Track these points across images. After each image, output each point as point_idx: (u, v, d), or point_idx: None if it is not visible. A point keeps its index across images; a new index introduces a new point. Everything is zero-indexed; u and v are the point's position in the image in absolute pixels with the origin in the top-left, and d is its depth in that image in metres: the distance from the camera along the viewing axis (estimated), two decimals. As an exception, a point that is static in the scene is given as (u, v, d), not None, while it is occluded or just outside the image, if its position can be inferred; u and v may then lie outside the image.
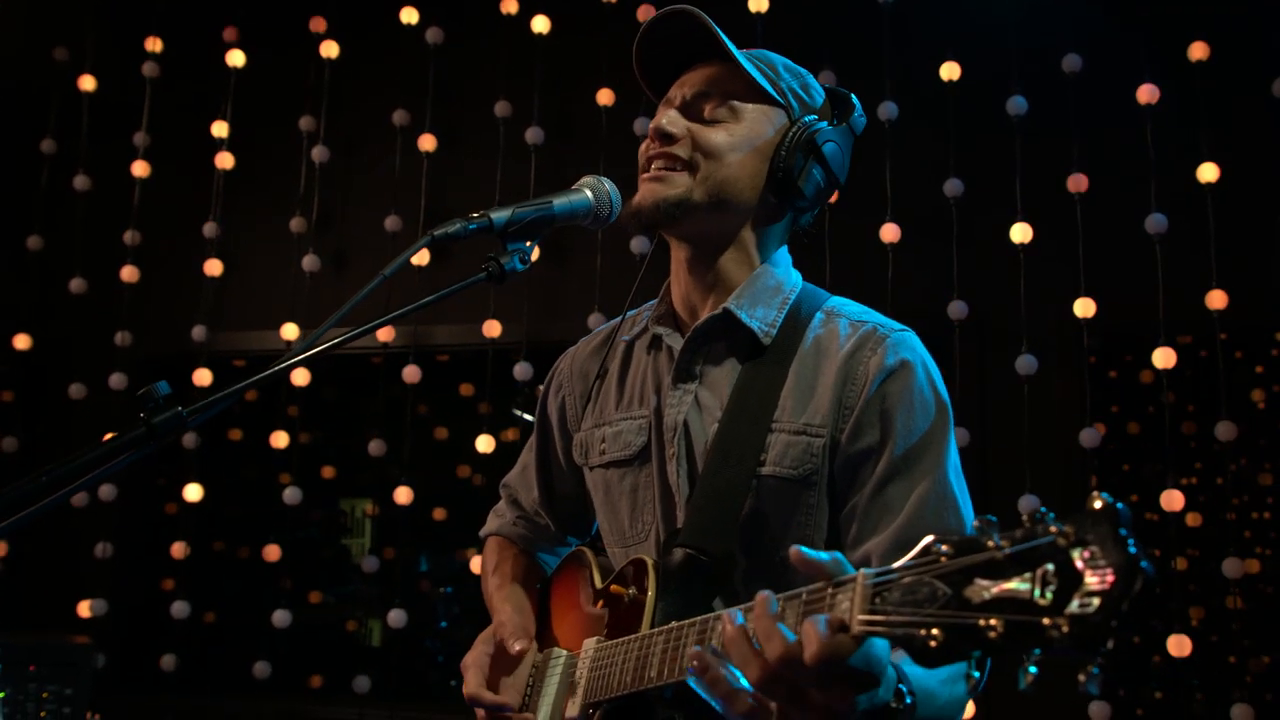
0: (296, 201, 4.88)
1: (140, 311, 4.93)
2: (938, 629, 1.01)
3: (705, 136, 1.72)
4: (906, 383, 1.66)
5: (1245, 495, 4.89)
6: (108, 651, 4.63)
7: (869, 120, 4.35)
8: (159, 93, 5.04)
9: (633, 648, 1.59)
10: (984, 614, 0.98)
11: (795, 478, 1.64)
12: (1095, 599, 0.92)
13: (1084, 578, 0.93)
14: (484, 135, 4.74)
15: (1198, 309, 4.01)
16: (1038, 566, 0.96)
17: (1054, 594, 0.94)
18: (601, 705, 1.63)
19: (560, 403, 2.03)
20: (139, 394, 1.27)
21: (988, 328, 4.23)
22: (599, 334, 2.05)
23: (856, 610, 1.11)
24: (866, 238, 4.23)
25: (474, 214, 1.58)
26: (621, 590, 1.72)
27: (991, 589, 0.99)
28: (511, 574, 2.05)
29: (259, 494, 5.42)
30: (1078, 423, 4.06)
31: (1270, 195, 4.04)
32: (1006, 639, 0.96)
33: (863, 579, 1.13)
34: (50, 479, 1.21)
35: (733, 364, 1.76)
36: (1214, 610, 4.83)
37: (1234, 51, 4.16)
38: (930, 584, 1.04)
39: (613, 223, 1.76)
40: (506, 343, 4.60)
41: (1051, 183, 4.17)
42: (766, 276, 1.79)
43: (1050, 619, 0.94)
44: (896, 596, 1.07)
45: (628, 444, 1.83)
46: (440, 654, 5.91)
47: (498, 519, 2.18)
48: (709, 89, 1.74)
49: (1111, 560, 0.92)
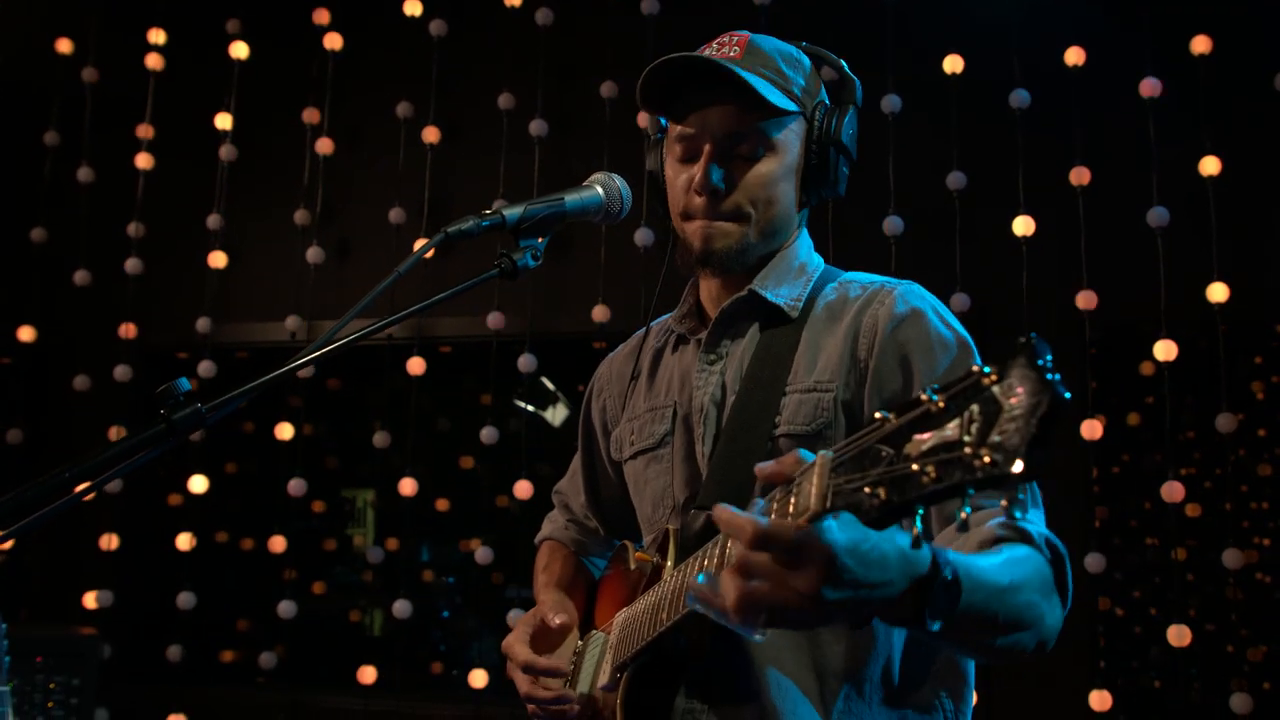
0: (300, 194, 4.89)
1: (144, 303, 4.94)
2: (881, 487, 1.03)
3: (753, 184, 1.75)
4: (920, 327, 1.68)
5: (1244, 486, 4.91)
6: (114, 642, 4.65)
7: (871, 112, 4.36)
8: (162, 85, 5.05)
9: (649, 601, 1.63)
10: (919, 461, 1.00)
11: (808, 433, 1.66)
12: (1011, 424, 0.94)
13: (1003, 408, 0.95)
14: (487, 127, 4.75)
15: (1199, 302, 4.03)
16: (964, 409, 0.98)
17: (977, 430, 0.96)
18: (628, 666, 1.67)
19: (602, 406, 2.08)
20: (159, 391, 1.29)
21: (990, 320, 4.25)
22: (633, 339, 2.10)
23: (815, 490, 1.13)
24: (869, 231, 4.25)
25: (487, 210, 1.60)
26: (645, 558, 1.76)
27: (928, 440, 1.00)
28: (560, 571, 2.11)
29: (262, 485, 5.44)
30: (1078, 415, 4.07)
31: (1271, 188, 4.06)
32: (938, 480, 0.98)
33: (821, 459, 1.14)
34: (73, 476, 1.23)
35: (754, 337, 1.80)
36: (1212, 600, 4.87)
37: (1236, 45, 4.17)
38: (876, 448, 1.06)
39: (623, 219, 1.79)
40: (510, 335, 4.62)
41: (1054, 176, 4.19)
42: (790, 258, 1.83)
43: (972, 450, 0.95)
44: (849, 467, 1.09)
45: (651, 433, 1.88)
46: (442, 643, 5.94)
47: (550, 524, 2.24)
48: (738, 128, 1.74)
49: (1027, 389, 0.94)
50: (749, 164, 1.75)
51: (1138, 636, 5.04)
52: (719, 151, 1.74)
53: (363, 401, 5.79)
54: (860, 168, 1.91)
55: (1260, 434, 4.98)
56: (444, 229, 1.55)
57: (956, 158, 4.26)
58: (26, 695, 3.91)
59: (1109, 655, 4.86)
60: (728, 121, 1.74)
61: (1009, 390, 0.96)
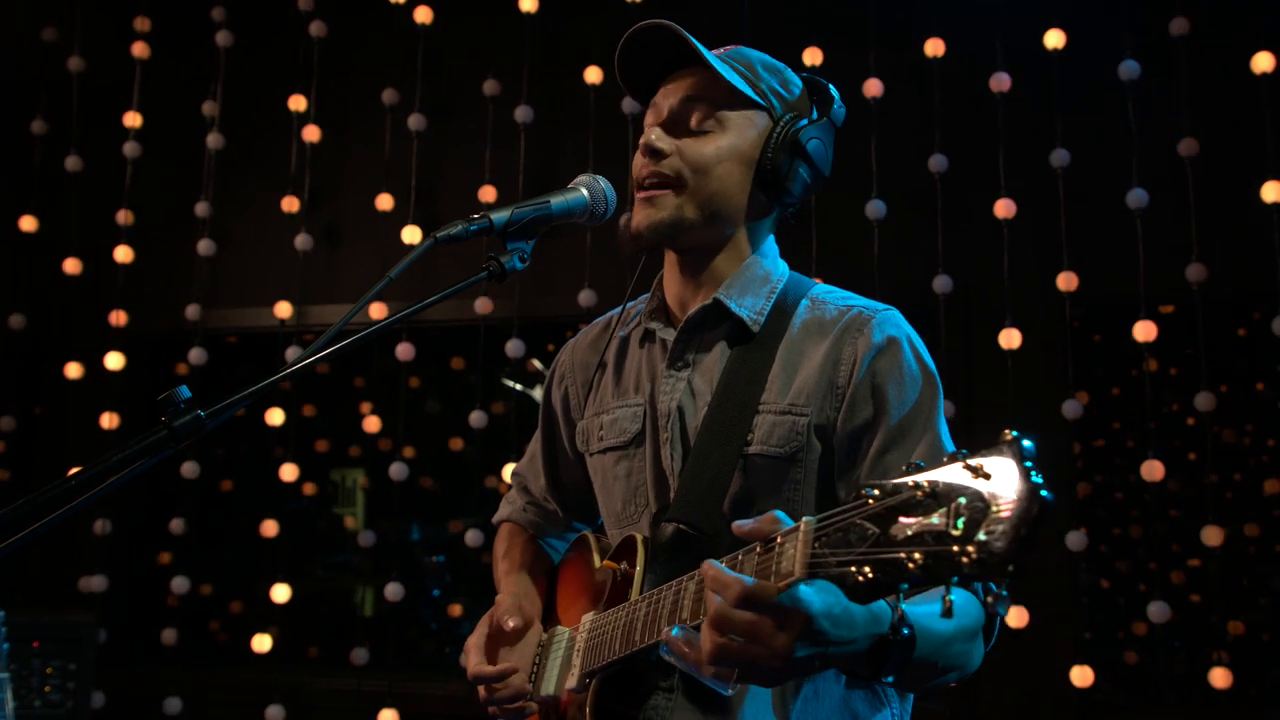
0: (287, 180, 4.91)
1: (134, 291, 4.96)
2: (868, 566, 1.09)
3: (693, 151, 1.78)
4: (895, 359, 1.73)
5: (1223, 462, 4.98)
6: (109, 627, 4.69)
7: (853, 96, 4.39)
8: (149, 73, 5.06)
9: (621, 616, 1.68)
10: (906, 548, 1.06)
11: (781, 456, 1.71)
12: (999, 526, 0.99)
13: (991, 507, 1.01)
14: (473, 114, 4.77)
15: (1178, 281, 4.08)
16: (952, 500, 1.04)
17: (964, 525, 1.02)
18: (597, 674, 1.72)
19: (564, 392, 2.09)
20: (159, 399, 1.32)
21: (972, 302, 4.30)
22: (596, 326, 2.11)
23: (799, 556, 1.19)
24: (852, 214, 4.28)
25: (474, 215, 1.64)
26: (614, 565, 1.80)
27: (913, 525, 1.06)
28: (520, 560, 2.13)
29: (252, 468, 5.48)
30: (1060, 394, 4.13)
31: (1249, 169, 4.10)
32: (925, 570, 1.04)
33: (804, 526, 1.21)
34: (78, 483, 1.27)
35: (723, 350, 1.82)
36: (1193, 573, 4.93)
37: (1214, 27, 4.21)
38: (861, 525, 1.12)
39: (607, 220, 1.83)
40: (498, 319, 4.66)
41: (1034, 158, 4.23)
42: (755, 267, 1.85)
43: (960, 547, 1.01)
44: (835, 539, 1.15)
45: (623, 430, 1.90)
46: (433, 622, 6.00)
47: (509, 506, 2.26)
48: (692, 99, 1.79)
49: (1014, 490, 1.00)
50: (696, 136, 1.79)
51: (1121, 610, 5.11)
52: (670, 119, 1.80)
53: (351, 383, 5.83)
54: (842, 151, 1.94)
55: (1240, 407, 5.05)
56: (433, 234, 1.59)
57: (938, 141, 4.29)
58: (24, 680, 3.95)
59: (1092, 629, 4.94)
60: (684, 90, 1.80)
61: (997, 491, 1.01)
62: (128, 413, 4.88)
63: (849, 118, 1.91)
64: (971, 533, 1.01)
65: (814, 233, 4.08)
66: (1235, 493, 5.05)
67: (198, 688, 4.72)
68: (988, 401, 4.21)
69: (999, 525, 0.99)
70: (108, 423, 4.80)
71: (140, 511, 5.11)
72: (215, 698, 4.77)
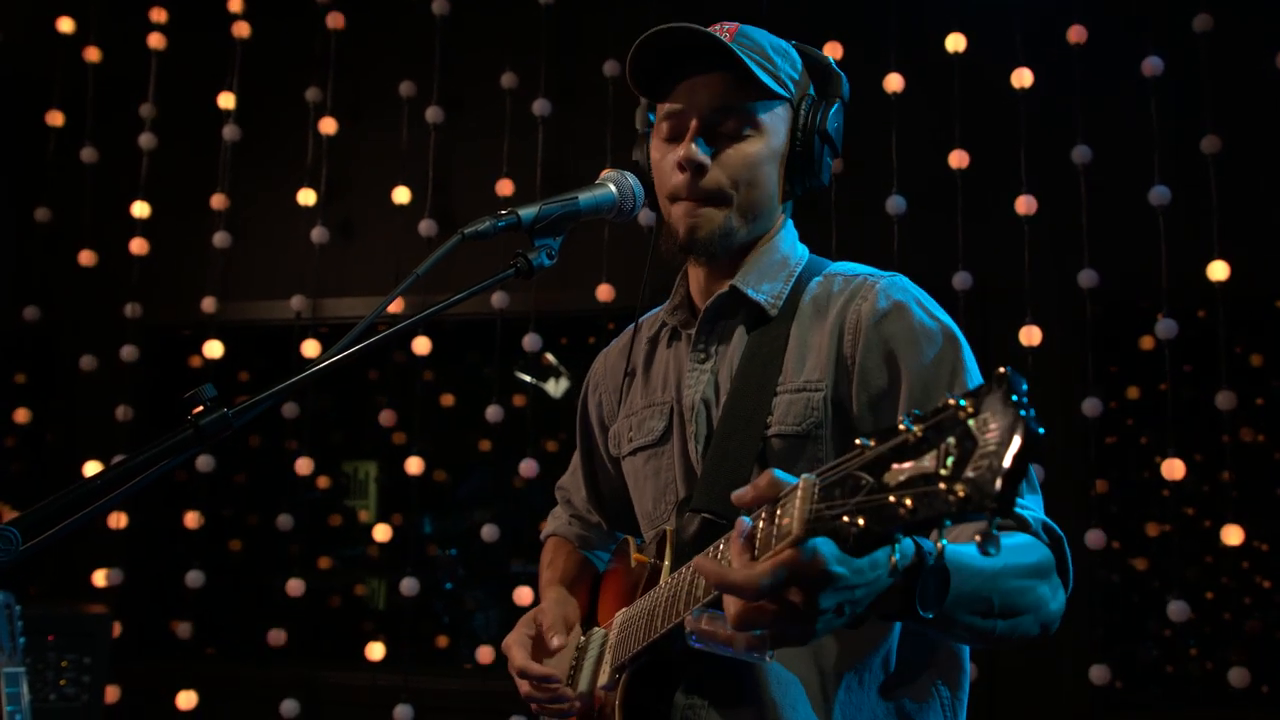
0: (303, 173, 4.89)
1: (149, 283, 4.95)
2: (861, 516, 1.06)
3: (735, 160, 1.74)
4: (904, 321, 1.68)
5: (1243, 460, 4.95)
6: (124, 620, 4.69)
7: (874, 91, 4.36)
8: (165, 64, 5.04)
9: (645, 606, 1.66)
10: (897, 493, 1.02)
11: (799, 433, 1.68)
12: (985, 459, 0.96)
13: (978, 442, 0.97)
14: (490, 106, 4.75)
15: (1199, 280, 4.05)
16: (941, 441, 1.00)
17: (953, 463, 0.98)
18: (626, 667, 1.69)
19: (598, 401, 2.09)
20: (186, 396, 1.31)
21: (991, 299, 4.26)
22: (626, 334, 2.09)
23: (798, 515, 1.15)
24: (871, 209, 4.26)
25: (502, 211, 1.62)
26: (644, 560, 1.78)
27: (906, 470, 1.03)
28: (562, 568, 2.13)
29: (266, 461, 5.47)
30: (1080, 392, 4.10)
31: (1272, 167, 4.07)
32: (915, 512, 1.00)
33: (804, 483, 1.17)
34: (103, 483, 1.25)
35: (741, 337, 1.80)
36: (1209, 570, 4.91)
37: (1237, 23, 4.17)
38: (858, 476, 1.08)
39: (635, 216, 1.80)
40: (515, 313, 4.64)
41: (1055, 154, 4.19)
42: (772, 252, 1.83)
43: (948, 485, 0.98)
44: (830, 493, 1.11)
45: (650, 430, 1.88)
46: (445, 615, 5.99)
47: (554, 520, 2.26)
48: (726, 103, 1.74)
49: (1000, 423, 0.96)
50: (734, 142, 1.74)
51: (1136, 607, 5.08)
52: (704, 127, 1.74)
53: (366, 376, 5.82)
54: (862, 146, 1.92)
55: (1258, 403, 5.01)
56: (461, 230, 1.57)
57: (959, 136, 4.26)
58: (39, 674, 3.95)
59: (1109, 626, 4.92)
60: (715, 97, 1.74)
61: (984, 425, 0.98)
62: (141, 406, 4.87)
63: (869, 112, 1.89)
64: (959, 471, 0.97)
65: (834, 228, 4.06)
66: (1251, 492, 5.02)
67: (212, 682, 4.72)
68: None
69: (984, 458, 0.96)
70: (121, 415, 4.79)
71: (155, 505, 5.10)
72: (229, 691, 4.77)
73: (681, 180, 1.75)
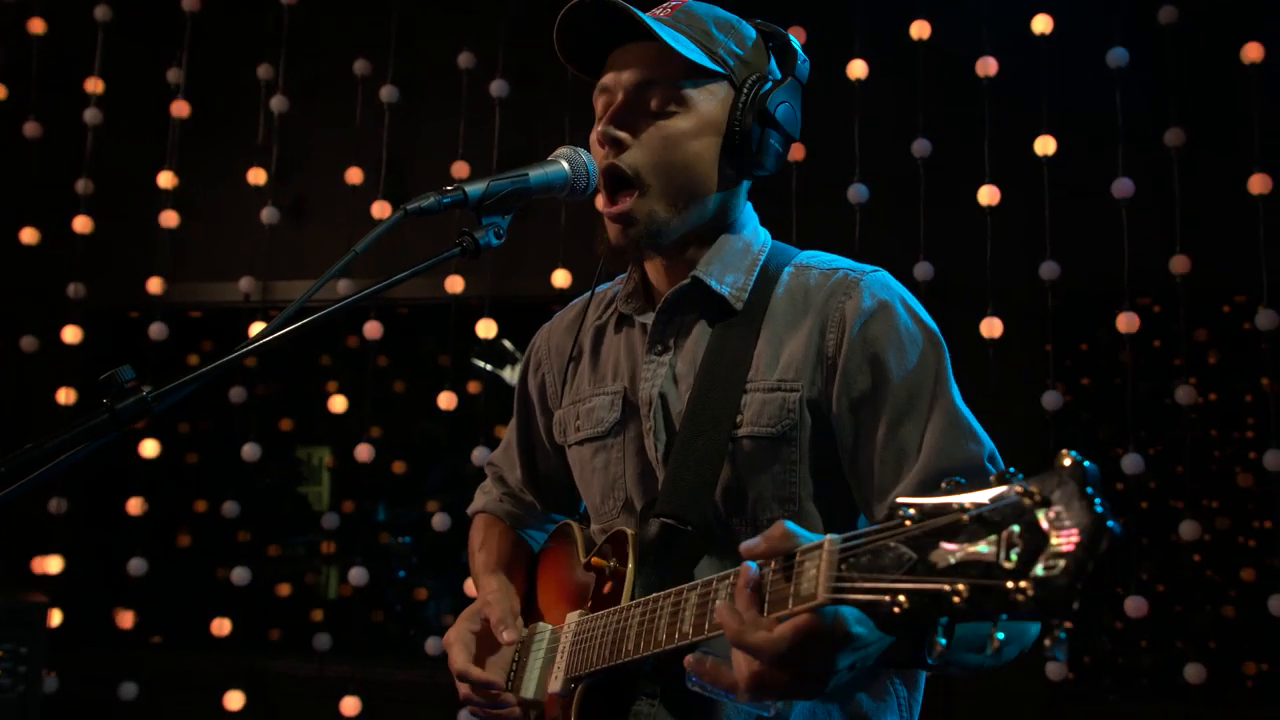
0: (254, 151, 4.78)
1: (94, 263, 4.82)
2: (904, 595, 0.99)
3: (654, 140, 1.65)
4: (889, 322, 1.62)
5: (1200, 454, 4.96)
6: (64, 608, 4.58)
7: (837, 78, 4.30)
8: (111, 37, 4.91)
9: (610, 621, 1.58)
10: (949, 579, 0.96)
11: (773, 435, 1.61)
12: (1060, 561, 0.89)
13: (1050, 539, 0.90)
14: (447, 87, 4.66)
15: (1161, 273, 4.03)
16: (1003, 528, 0.93)
17: (1019, 556, 0.91)
18: (583, 679, 1.63)
19: (540, 380, 2.00)
20: (101, 378, 1.23)
21: (953, 289, 4.23)
22: (571, 310, 2.01)
23: (822, 580, 1.10)
24: (834, 198, 4.21)
25: (448, 187, 1.54)
26: (602, 563, 1.70)
27: (956, 552, 0.96)
28: (498, 551, 2.03)
29: (215, 446, 5.37)
30: (1040, 385, 4.08)
31: (1236, 161, 4.05)
32: (971, 604, 0.94)
33: (829, 545, 1.11)
34: (10, 469, 1.17)
35: (704, 330, 1.72)
36: (1166, 565, 4.92)
37: (1202, 17, 4.15)
38: (895, 549, 1.02)
39: (588, 196, 1.72)
40: (469, 298, 4.56)
41: (1019, 145, 4.16)
42: (735, 240, 1.75)
43: (1014, 582, 0.91)
44: (863, 563, 1.05)
45: (600, 420, 1.81)
46: (398, 604, 5.92)
47: (484, 496, 2.16)
48: (647, 78, 1.66)
49: (1077, 520, 0.89)
50: (656, 119, 1.66)
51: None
52: (629, 103, 1.67)
53: (317, 361, 5.72)
54: (824, 133, 1.85)
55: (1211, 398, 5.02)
56: (403, 207, 1.48)
57: (922, 125, 4.22)
58: (-26, 663, 3.86)
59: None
60: (637, 72, 1.66)
61: (1057, 520, 0.90)
62: (86, 389, 4.75)
63: (832, 99, 1.82)
64: (1027, 566, 0.90)
65: (794, 216, 4.01)
66: (1208, 485, 5.03)
67: (155, 671, 4.62)
68: (967, 391, 4.12)
69: (1060, 560, 0.89)
70: (64, 398, 4.67)
71: (97, 490, 4.98)
72: (172, 682, 4.67)
73: (599, 154, 1.68)
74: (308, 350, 5.74)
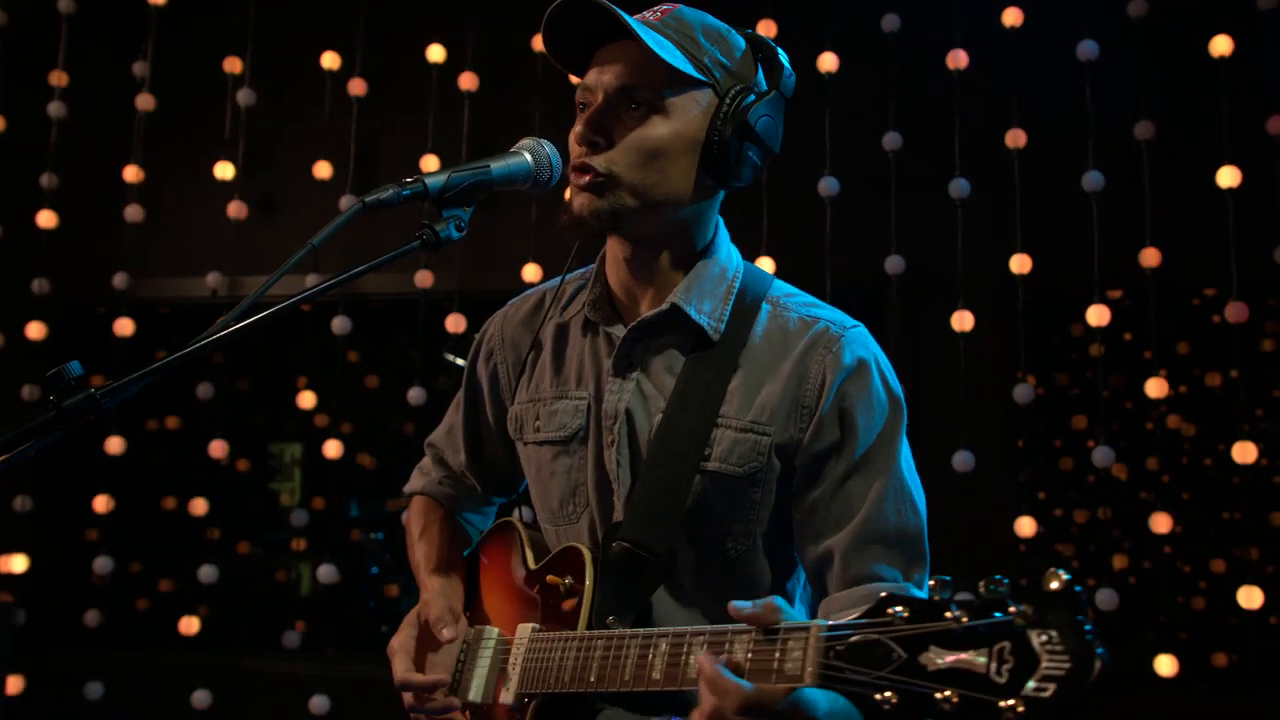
0: (221, 145, 4.73)
1: (59, 258, 4.77)
2: (892, 693, 1.05)
3: (630, 144, 1.63)
4: (864, 383, 1.67)
5: (1171, 447, 4.97)
6: (29, 608, 4.53)
7: (808, 70, 4.28)
8: (75, 29, 4.84)
9: (571, 647, 1.60)
10: (939, 685, 1.01)
11: (740, 475, 1.65)
12: (1051, 684, 0.96)
13: (1041, 661, 0.97)
14: (417, 80, 4.63)
15: (1131, 266, 4.04)
16: (995, 643, 1.00)
17: (1010, 673, 0.98)
18: (537, 696, 1.63)
19: (492, 369, 1.97)
20: (48, 375, 1.20)
21: (924, 283, 4.23)
22: (528, 300, 1.97)
23: (809, 664, 1.15)
24: (804, 191, 4.19)
25: (407, 179, 1.52)
26: (557, 580, 1.71)
27: (946, 658, 1.02)
28: (439, 542, 2.01)
29: (183, 443, 5.31)
30: (1011, 378, 4.09)
31: (1205, 154, 4.06)
32: (960, 713, 1.00)
33: (816, 631, 1.16)
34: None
35: (676, 355, 1.73)
36: (1137, 557, 4.93)
37: (1173, 9, 4.16)
38: (885, 645, 1.07)
39: (553, 189, 1.70)
40: (439, 292, 4.53)
41: (990, 138, 4.16)
42: (711, 264, 1.74)
43: (1005, 700, 0.97)
44: (851, 653, 1.11)
45: (563, 425, 1.80)
46: (371, 600, 5.88)
47: (423, 477, 2.13)
48: (629, 80, 1.64)
49: (1069, 647, 0.96)
50: (634, 124, 1.64)
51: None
52: (607, 105, 1.65)
53: (287, 357, 5.67)
54: (794, 126, 1.83)
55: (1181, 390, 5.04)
56: (362, 199, 1.47)
57: (893, 118, 4.21)
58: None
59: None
60: (619, 76, 1.64)
61: (1050, 644, 0.97)
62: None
63: (802, 92, 1.79)
64: (1017, 685, 0.97)
65: (765, 209, 3.99)
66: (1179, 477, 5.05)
67: (121, 670, 4.57)
68: (938, 384, 4.15)
69: (1050, 683, 0.96)
70: (28, 395, 4.62)
71: (63, 488, 4.93)
72: (139, 681, 4.63)
73: (575, 154, 1.67)
74: (278, 346, 5.70)
